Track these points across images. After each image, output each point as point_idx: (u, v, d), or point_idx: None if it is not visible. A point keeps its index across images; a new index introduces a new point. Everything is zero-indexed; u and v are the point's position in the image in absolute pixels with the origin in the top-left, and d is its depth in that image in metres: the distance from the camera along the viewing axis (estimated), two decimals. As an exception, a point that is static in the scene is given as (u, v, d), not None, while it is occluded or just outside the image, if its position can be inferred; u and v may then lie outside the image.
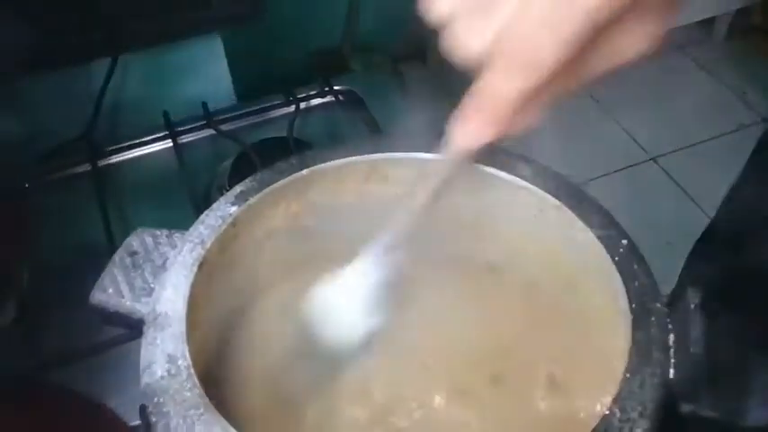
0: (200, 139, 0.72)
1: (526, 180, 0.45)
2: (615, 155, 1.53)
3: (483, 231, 0.49)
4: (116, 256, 0.42)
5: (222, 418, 0.33)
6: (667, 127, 1.55)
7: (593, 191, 0.44)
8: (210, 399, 0.34)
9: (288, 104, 0.74)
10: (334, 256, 0.50)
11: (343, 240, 0.50)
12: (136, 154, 0.72)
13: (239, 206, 0.42)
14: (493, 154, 0.45)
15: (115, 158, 0.71)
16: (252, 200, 0.43)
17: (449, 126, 0.37)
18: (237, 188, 0.43)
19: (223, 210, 0.42)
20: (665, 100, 1.59)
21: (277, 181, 0.44)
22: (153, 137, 0.72)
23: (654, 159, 1.53)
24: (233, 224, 0.43)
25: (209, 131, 0.72)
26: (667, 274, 0.50)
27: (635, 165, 1.52)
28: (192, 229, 0.41)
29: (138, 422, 0.35)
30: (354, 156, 0.46)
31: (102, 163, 0.70)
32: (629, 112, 1.60)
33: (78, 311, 0.44)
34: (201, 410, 0.33)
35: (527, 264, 0.48)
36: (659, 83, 1.61)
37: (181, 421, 0.33)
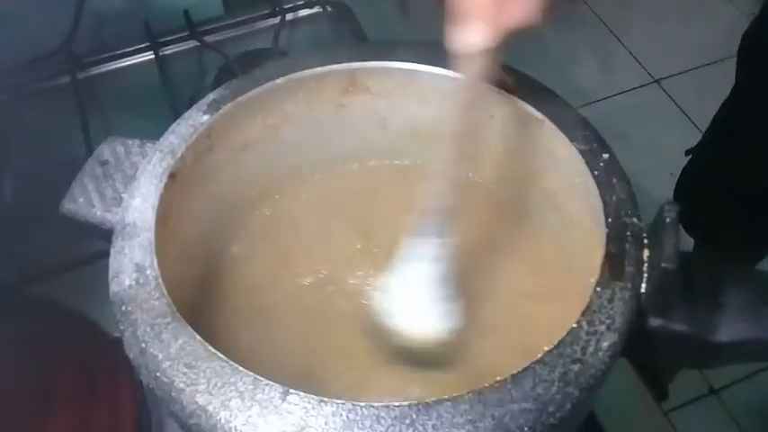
0: (183, 50, 0.70)
1: (511, 93, 0.43)
2: (619, 76, 1.49)
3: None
4: (86, 166, 0.41)
5: (189, 327, 0.33)
6: (673, 49, 1.51)
7: (594, 112, 0.42)
8: (192, 319, 0.33)
9: (274, 15, 0.72)
10: (317, 170, 0.49)
11: (326, 154, 0.49)
12: (117, 66, 0.70)
13: (212, 115, 0.41)
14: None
15: (96, 70, 0.69)
16: (225, 108, 0.41)
17: (447, 39, 0.36)
18: (210, 96, 0.42)
19: (195, 118, 0.41)
20: (671, 22, 1.54)
21: (252, 89, 0.42)
22: (134, 48, 0.69)
23: (657, 82, 1.50)
24: (207, 135, 0.42)
25: (193, 43, 0.70)
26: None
27: (639, 87, 1.49)
28: (162, 138, 0.40)
29: (119, 334, 0.35)
30: (333, 64, 0.44)
31: (82, 75, 0.68)
32: (635, 34, 1.55)
33: (60, 225, 0.44)
34: (169, 319, 0.33)
35: (511, 179, 0.47)
36: (666, 4, 1.55)
37: (148, 329, 0.33)
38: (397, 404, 0.30)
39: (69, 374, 0.53)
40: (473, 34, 0.35)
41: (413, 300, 0.40)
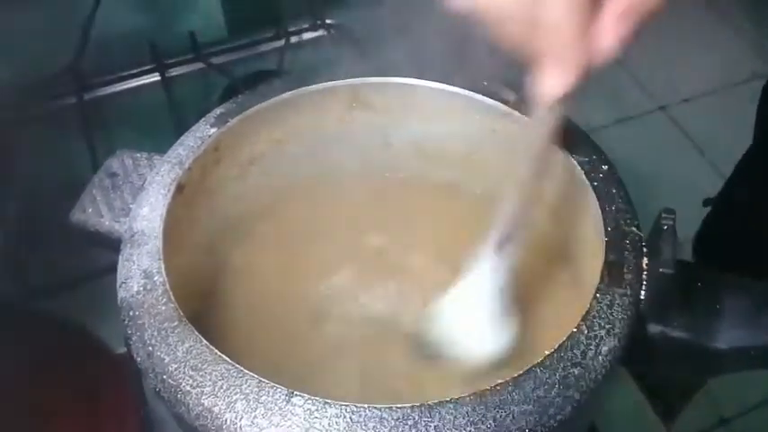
0: (188, 72, 0.72)
1: (510, 107, 0.44)
2: (621, 102, 1.50)
3: (471, 159, 0.49)
4: (95, 178, 0.42)
5: (195, 331, 0.33)
6: (677, 75, 1.52)
7: (596, 140, 0.43)
8: (200, 325, 0.34)
9: (278, 38, 0.73)
10: (321, 184, 0.50)
11: (330, 169, 0.50)
12: (123, 87, 0.71)
13: (219, 128, 0.42)
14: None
15: (102, 91, 0.71)
16: (232, 122, 0.42)
17: (528, 87, 0.33)
18: (218, 110, 0.43)
19: (202, 131, 0.42)
20: (676, 47, 1.55)
21: (258, 104, 0.43)
22: (140, 69, 0.71)
23: (662, 108, 1.51)
24: (215, 147, 0.43)
25: (199, 65, 0.71)
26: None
27: (642, 114, 1.50)
28: (170, 150, 0.41)
29: (125, 350, 0.35)
30: (338, 80, 0.45)
31: (88, 96, 0.69)
32: (638, 59, 1.56)
33: (66, 242, 0.44)
34: (176, 323, 0.34)
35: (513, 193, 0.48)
36: (670, 29, 1.56)
37: (155, 333, 0.33)
38: (399, 406, 0.30)
39: (71, 391, 0.53)
40: (554, 79, 0.32)
41: (467, 323, 0.39)
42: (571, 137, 0.42)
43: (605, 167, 0.39)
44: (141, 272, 0.36)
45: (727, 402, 1.09)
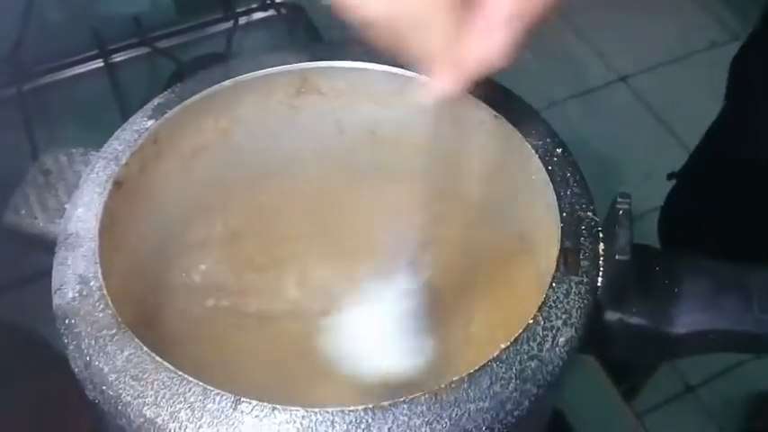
0: (133, 57, 0.69)
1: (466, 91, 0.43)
2: (582, 75, 1.50)
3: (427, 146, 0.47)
4: (28, 176, 0.40)
5: (135, 338, 0.31)
6: (637, 45, 1.51)
7: (559, 113, 0.42)
8: (140, 333, 0.32)
9: (227, 19, 0.71)
10: (271, 176, 0.48)
11: (280, 159, 0.48)
12: (65, 75, 0.68)
13: (157, 120, 0.40)
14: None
15: (42, 80, 0.67)
16: (171, 113, 0.40)
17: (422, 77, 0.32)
18: (155, 100, 0.41)
19: (139, 124, 0.40)
20: (634, 18, 1.55)
21: (199, 92, 0.41)
22: (82, 56, 0.68)
23: (623, 79, 1.51)
24: (154, 140, 0.41)
25: (144, 49, 0.69)
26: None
27: (603, 86, 1.50)
28: (105, 145, 0.39)
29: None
30: (283, 65, 0.44)
31: (28, 86, 0.66)
32: (598, 30, 1.56)
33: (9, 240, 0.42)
34: (114, 330, 0.32)
35: (470, 180, 0.47)
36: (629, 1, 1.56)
37: (93, 342, 0.32)
38: (351, 409, 0.29)
39: (19, 398, 0.51)
40: (438, 81, 0.31)
41: (379, 337, 0.38)
42: (525, 120, 0.41)
43: (559, 150, 0.38)
44: (77, 276, 0.34)
45: (691, 371, 1.10)
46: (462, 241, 0.45)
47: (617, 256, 0.32)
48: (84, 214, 0.36)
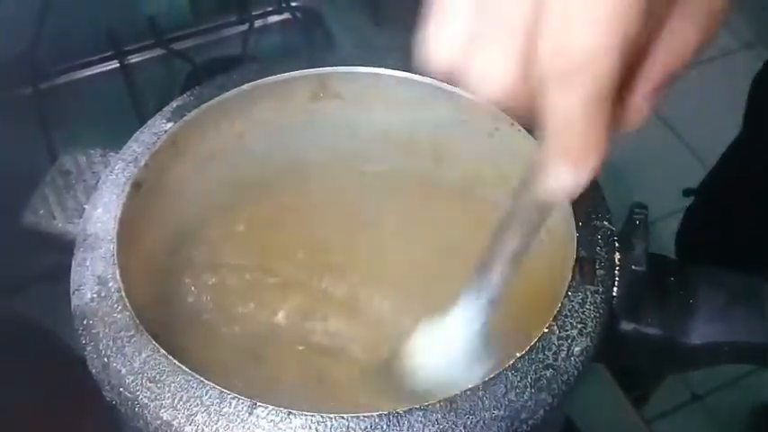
0: (149, 59, 0.69)
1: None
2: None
3: (440, 152, 0.48)
4: (48, 176, 0.40)
5: (152, 341, 0.32)
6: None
7: None
8: (157, 334, 0.32)
9: (242, 22, 0.71)
10: (287, 180, 0.49)
11: (296, 164, 0.49)
12: (81, 75, 0.68)
13: (176, 122, 0.40)
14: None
15: (59, 80, 0.68)
16: (189, 116, 0.40)
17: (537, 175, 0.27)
18: (174, 103, 0.41)
19: (158, 126, 0.40)
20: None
21: (217, 96, 0.41)
22: (98, 57, 0.68)
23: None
24: (172, 142, 0.41)
25: (159, 51, 0.69)
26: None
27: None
28: (125, 147, 0.39)
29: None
30: (301, 69, 0.44)
31: (45, 85, 0.66)
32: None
33: (22, 239, 0.43)
34: (132, 332, 0.32)
35: (484, 186, 0.47)
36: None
37: (110, 343, 0.32)
38: (366, 415, 0.29)
39: (28, 392, 0.52)
40: (560, 178, 0.26)
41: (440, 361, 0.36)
42: (542, 129, 0.41)
43: (576, 159, 0.38)
44: (95, 278, 0.34)
45: (698, 380, 1.10)
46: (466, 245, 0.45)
47: (633, 267, 0.32)
48: (102, 215, 0.36)
